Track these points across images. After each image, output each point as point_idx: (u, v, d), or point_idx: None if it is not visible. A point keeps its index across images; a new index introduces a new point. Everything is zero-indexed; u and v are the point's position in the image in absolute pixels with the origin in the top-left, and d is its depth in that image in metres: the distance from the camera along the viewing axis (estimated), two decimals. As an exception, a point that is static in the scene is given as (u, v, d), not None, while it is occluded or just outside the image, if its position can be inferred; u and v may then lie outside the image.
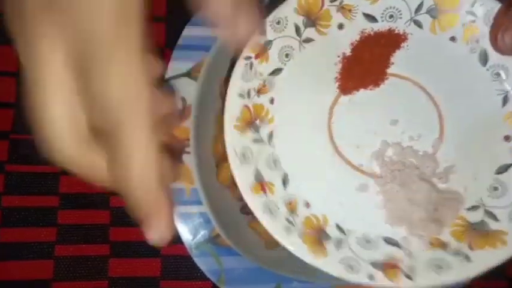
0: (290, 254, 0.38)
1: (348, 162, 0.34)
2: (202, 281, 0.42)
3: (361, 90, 0.34)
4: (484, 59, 0.34)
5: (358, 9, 0.33)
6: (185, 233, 0.36)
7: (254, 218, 0.39)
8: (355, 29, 0.34)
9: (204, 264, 0.36)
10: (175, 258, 0.42)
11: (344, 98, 0.34)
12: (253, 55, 0.32)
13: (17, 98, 0.43)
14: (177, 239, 0.36)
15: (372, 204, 0.33)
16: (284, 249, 0.38)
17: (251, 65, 0.32)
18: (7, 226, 0.41)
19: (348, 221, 0.33)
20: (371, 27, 0.34)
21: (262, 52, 0.32)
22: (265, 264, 0.36)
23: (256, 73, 0.33)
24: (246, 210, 0.40)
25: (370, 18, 0.34)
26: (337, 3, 0.33)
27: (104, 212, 0.43)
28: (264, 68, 0.33)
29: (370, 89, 0.35)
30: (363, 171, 0.34)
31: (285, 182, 0.33)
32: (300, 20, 0.33)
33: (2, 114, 0.43)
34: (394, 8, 0.34)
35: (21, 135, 0.43)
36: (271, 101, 0.33)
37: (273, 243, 0.38)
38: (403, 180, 0.34)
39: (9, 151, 0.42)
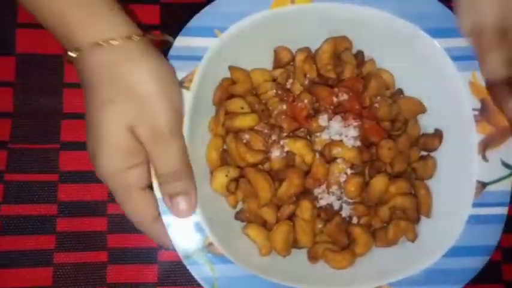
0: (285, 261, 0.39)
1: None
2: (200, 287, 0.42)
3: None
4: None
5: None
6: (178, 241, 0.36)
7: (248, 225, 0.39)
8: None
9: (197, 272, 0.36)
10: (172, 264, 0.43)
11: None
12: None
13: (14, 107, 0.44)
14: (172, 247, 0.36)
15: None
16: (278, 256, 0.39)
17: None
18: (6, 234, 0.42)
19: None
20: None
21: None
22: (260, 272, 0.37)
23: None
24: (240, 216, 0.40)
25: None
26: None
27: (101, 219, 0.43)
28: None
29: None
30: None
31: None
32: None
33: (0, 124, 0.44)
34: None
35: (18, 145, 0.44)
36: None
37: (267, 250, 0.39)
38: None
39: (8, 160, 0.43)
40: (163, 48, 0.37)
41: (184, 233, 0.36)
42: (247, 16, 0.38)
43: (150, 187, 0.36)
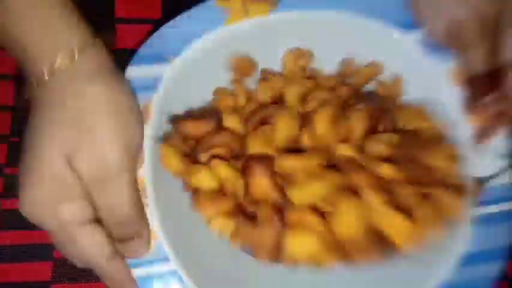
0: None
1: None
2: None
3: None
4: None
5: None
6: None
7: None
8: None
9: None
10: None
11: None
12: None
13: (15, 101, 0.44)
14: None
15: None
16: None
17: None
18: (6, 229, 0.42)
19: None
20: None
21: None
22: None
23: None
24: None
25: None
26: None
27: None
28: None
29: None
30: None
31: None
32: None
33: (1, 117, 0.43)
34: None
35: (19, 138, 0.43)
36: None
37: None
38: None
39: (8, 154, 0.43)
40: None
41: None
42: (201, 36, 0.35)
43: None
